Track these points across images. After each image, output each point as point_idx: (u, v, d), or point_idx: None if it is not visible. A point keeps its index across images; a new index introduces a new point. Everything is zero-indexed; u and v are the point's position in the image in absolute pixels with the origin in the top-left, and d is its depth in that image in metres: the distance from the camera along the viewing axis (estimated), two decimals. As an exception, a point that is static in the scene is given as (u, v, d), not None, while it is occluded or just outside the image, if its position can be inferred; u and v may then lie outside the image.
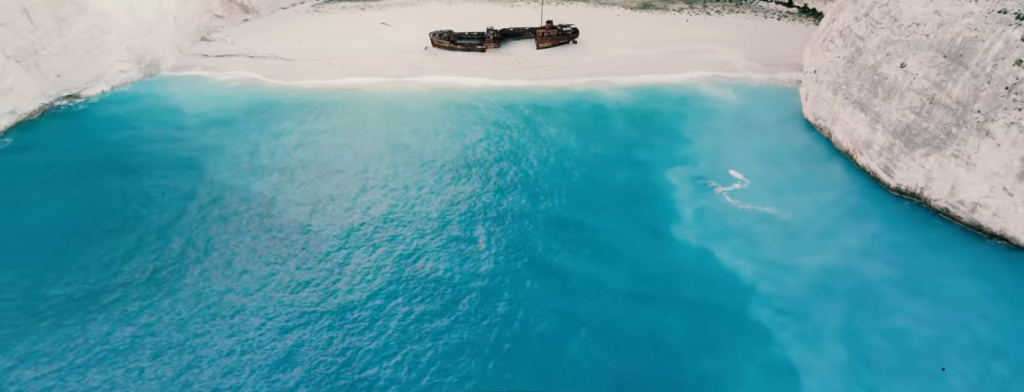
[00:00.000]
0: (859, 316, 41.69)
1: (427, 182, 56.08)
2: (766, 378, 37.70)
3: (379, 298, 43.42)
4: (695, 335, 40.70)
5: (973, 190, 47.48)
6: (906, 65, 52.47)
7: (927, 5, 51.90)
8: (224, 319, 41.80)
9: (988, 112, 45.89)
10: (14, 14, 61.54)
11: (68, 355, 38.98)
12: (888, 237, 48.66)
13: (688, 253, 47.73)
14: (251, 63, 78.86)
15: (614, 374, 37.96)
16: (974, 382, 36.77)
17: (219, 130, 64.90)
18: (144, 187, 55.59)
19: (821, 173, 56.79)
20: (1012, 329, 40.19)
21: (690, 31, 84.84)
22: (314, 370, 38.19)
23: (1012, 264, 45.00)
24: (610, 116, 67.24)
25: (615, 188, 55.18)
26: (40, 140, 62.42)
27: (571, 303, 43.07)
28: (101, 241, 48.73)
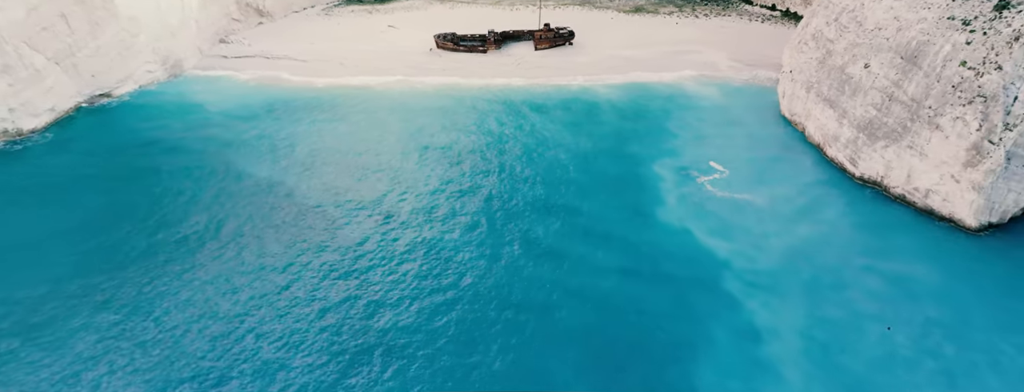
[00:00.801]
0: (818, 288, 47.13)
1: (434, 172, 61.48)
2: (734, 340, 43.12)
3: (394, 272, 48.80)
4: (673, 304, 46.14)
5: (926, 178, 52.96)
6: (869, 66, 57.93)
7: (888, 11, 57.35)
8: (263, 286, 47.23)
9: (938, 108, 51.38)
10: (54, 19, 66.92)
11: (140, 299, 44.43)
12: (850, 220, 54.14)
13: (670, 234, 53.17)
14: (267, 64, 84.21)
15: (600, 335, 43.41)
16: (914, 338, 42.24)
17: (242, 125, 70.31)
18: (176, 176, 60.94)
19: (794, 164, 62.24)
20: (952, 299, 45.62)
21: (679, 33, 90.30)
22: (345, 316, 43.59)
23: (958, 244, 50.46)
24: (603, 112, 72.70)
25: (606, 177, 60.63)
26: (78, 135, 67.85)
27: (564, 276, 48.52)
28: (143, 221, 54.09)
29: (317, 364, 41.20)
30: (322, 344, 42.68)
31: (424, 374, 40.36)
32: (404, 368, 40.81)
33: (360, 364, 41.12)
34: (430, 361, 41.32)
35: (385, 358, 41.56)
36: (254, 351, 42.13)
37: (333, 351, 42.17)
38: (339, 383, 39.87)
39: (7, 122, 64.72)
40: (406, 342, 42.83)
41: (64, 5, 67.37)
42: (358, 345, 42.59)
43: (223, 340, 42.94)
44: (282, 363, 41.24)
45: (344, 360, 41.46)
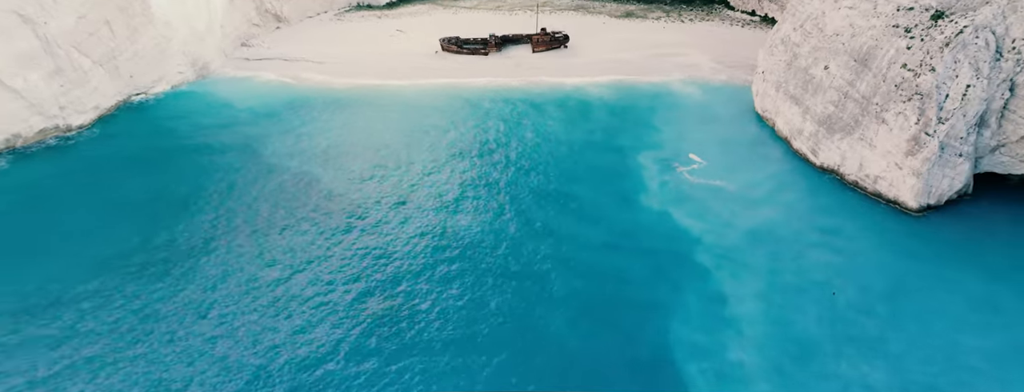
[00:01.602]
0: (777, 260, 54.56)
1: (442, 162, 68.86)
2: (702, 303, 50.52)
3: (411, 248, 56.17)
4: (652, 273, 53.55)
5: (875, 166, 60.46)
6: (829, 67, 65.45)
7: (844, 19, 64.85)
8: (297, 258, 54.60)
9: (883, 104, 58.91)
10: (99, 26, 74.24)
11: (202, 281, 51.76)
12: (809, 203, 61.70)
13: (651, 215, 60.61)
14: (286, 65, 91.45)
15: (586, 297, 50.80)
16: (855, 301, 49.71)
17: (266, 121, 77.63)
18: (211, 166, 68.25)
19: (764, 155, 69.74)
20: (890, 269, 53.09)
21: (665, 37, 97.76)
22: (372, 284, 50.94)
23: (900, 223, 57.94)
24: (594, 110, 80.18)
25: (595, 167, 68.09)
26: (120, 130, 75.15)
27: (557, 250, 55.94)
28: (186, 205, 61.42)
29: (348, 323, 48.51)
30: (352, 308, 49.99)
31: (441, 328, 47.68)
32: (425, 326, 48.13)
33: (386, 323, 48.43)
34: (445, 318, 48.66)
35: (409, 319, 48.86)
36: (291, 312, 49.42)
37: (361, 312, 49.49)
38: (371, 334, 47.18)
39: (58, 119, 71.98)
40: (424, 303, 50.17)
41: (108, 13, 74.71)
42: (384, 307, 49.89)
43: (269, 302, 50.24)
44: (318, 322, 48.53)
45: (373, 319, 48.76)
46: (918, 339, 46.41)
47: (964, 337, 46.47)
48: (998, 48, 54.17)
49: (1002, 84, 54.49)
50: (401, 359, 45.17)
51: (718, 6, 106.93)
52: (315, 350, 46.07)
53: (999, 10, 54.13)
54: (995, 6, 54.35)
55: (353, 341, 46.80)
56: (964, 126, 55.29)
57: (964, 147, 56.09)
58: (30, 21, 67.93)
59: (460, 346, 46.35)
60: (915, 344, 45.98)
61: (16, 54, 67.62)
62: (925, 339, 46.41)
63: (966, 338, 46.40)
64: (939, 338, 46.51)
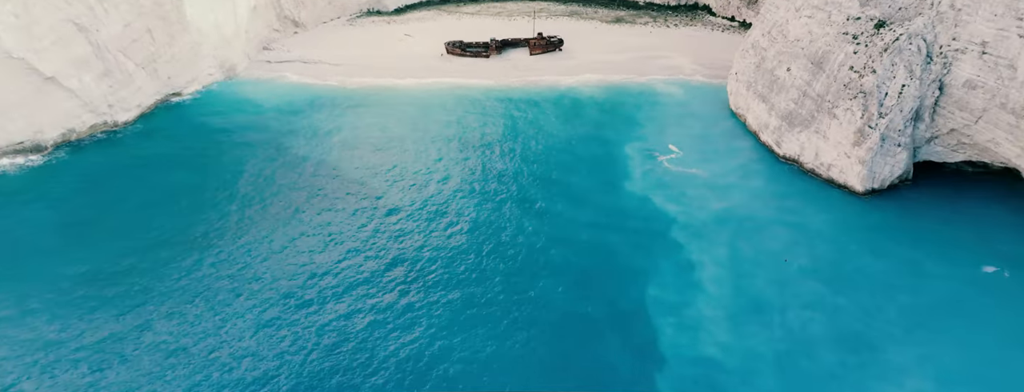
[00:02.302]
0: (740, 236, 63.34)
1: (449, 153, 77.66)
2: (674, 270, 59.23)
3: (425, 226, 64.95)
4: (633, 247, 62.31)
5: (828, 155, 69.38)
6: (790, 69, 74.38)
7: (804, 27, 73.78)
8: (326, 235, 63.35)
9: (834, 101, 67.85)
10: (142, 33, 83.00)
11: (245, 257, 60.45)
12: (771, 188, 70.55)
13: (634, 199, 69.41)
14: (304, 67, 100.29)
15: (577, 267, 59.53)
16: (802, 268, 58.55)
17: (290, 117, 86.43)
18: (244, 157, 76.94)
19: (735, 147, 78.63)
20: (836, 241, 61.86)
21: (652, 41, 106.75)
22: (394, 257, 59.69)
23: (848, 205, 66.76)
24: (585, 107, 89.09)
25: (586, 157, 76.97)
26: (160, 126, 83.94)
27: (551, 229, 64.71)
28: (226, 190, 70.13)
29: (376, 288, 57.24)
30: (379, 279, 58.71)
31: (454, 293, 56.38)
32: (442, 291, 56.83)
33: (410, 291, 57.10)
34: (458, 285, 57.31)
35: (427, 286, 57.56)
36: (324, 278, 58.13)
37: (387, 281, 58.20)
38: (399, 299, 55.91)
39: (107, 116, 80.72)
40: (439, 272, 58.92)
41: (150, 21, 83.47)
42: (405, 276, 58.61)
43: (305, 275, 58.99)
44: (348, 291, 57.25)
45: (398, 287, 57.46)
46: (853, 297, 55.25)
47: (893, 294, 55.30)
48: (929, 53, 63.10)
49: (932, 84, 63.40)
50: (421, 309, 53.93)
51: (701, 12, 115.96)
52: (349, 305, 54.78)
53: (929, 20, 63.08)
54: (926, 17, 63.31)
55: (379, 299, 55.48)
56: (901, 120, 64.22)
57: (902, 138, 65.03)
58: (85, 29, 76.69)
59: (470, 303, 55.11)
60: (850, 300, 54.81)
61: (72, 58, 76.39)
62: (859, 297, 55.23)
63: (894, 295, 55.21)
64: (871, 296, 55.35)
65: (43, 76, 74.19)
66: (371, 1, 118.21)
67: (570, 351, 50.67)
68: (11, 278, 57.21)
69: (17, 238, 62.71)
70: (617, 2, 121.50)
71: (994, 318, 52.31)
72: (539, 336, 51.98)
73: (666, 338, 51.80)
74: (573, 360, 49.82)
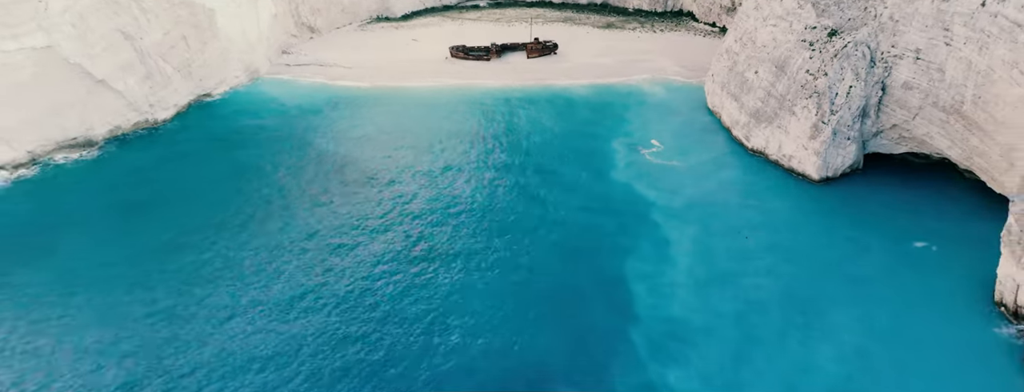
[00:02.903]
0: (710, 217, 72.76)
1: (455, 147, 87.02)
2: (652, 246, 68.53)
3: (435, 210, 74.34)
4: (616, 227, 71.67)
5: (788, 147, 78.85)
6: (758, 72, 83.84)
7: (769, 34, 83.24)
8: (350, 215, 72.72)
9: (794, 100, 77.36)
10: (178, 40, 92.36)
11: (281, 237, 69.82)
12: (740, 177, 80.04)
13: (618, 186, 78.81)
14: (321, 70, 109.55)
15: (568, 245, 68.84)
16: (760, 244, 68.01)
17: (310, 115, 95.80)
18: (272, 150, 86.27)
19: (710, 141, 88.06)
20: (793, 221, 71.36)
21: (639, 45, 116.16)
22: (410, 236, 69.08)
23: (805, 191, 76.14)
24: (577, 106, 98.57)
25: (576, 150, 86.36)
26: (194, 123, 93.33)
27: (545, 211, 74.14)
28: (259, 178, 79.51)
29: (398, 263, 66.60)
30: (400, 252, 68.08)
31: (462, 264, 65.78)
32: (453, 263, 66.24)
33: (426, 262, 66.50)
34: (466, 259, 66.73)
35: (440, 258, 66.98)
36: (349, 249, 67.52)
37: (407, 254, 67.57)
38: (417, 268, 65.30)
39: (148, 114, 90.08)
40: (450, 247, 68.34)
41: (185, 29, 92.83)
42: (422, 250, 68.02)
43: (337, 249, 68.38)
44: (375, 262, 66.61)
45: (416, 258, 66.87)
46: (803, 267, 64.71)
47: (837, 266, 64.73)
48: (872, 58, 72.58)
49: (875, 85, 72.88)
50: (435, 277, 63.37)
51: (685, 18, 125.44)
52: (376, 273, 64.19)
53: (873, 30, 72.58)
54: (870, 27, 72.81)
55: (401, 268, 64.87)
56: (850, 116, 73.71)
57: (851, 133, 74.53)
58: (131, 37, 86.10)
59: (476, 271, 64.52)
60: (800, 270, 64.27)
61: (120, 63, 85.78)
62: (808, 268, 64.68)
63: (838, 266, 64.66)
64: (818, 267, 64.81)
65: (95, 79, 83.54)
66: (380, 8, 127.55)
67: (560, 311, 60.11)
68: (77, 256, 66.54)
69: (80, 221, 72.06)
70: (608, 8, 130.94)
71: (919, 284, 61.77)
72: (533, 298, 61.45)
73: (641, 301, 61.26)
74: (562, 318, 59.26)
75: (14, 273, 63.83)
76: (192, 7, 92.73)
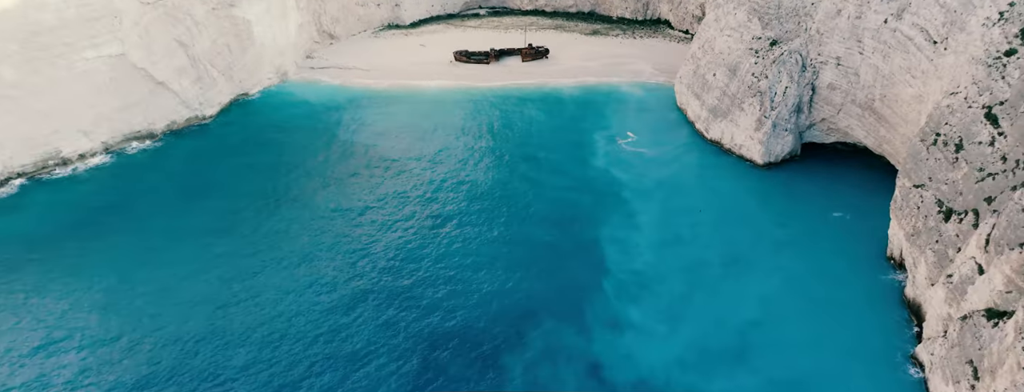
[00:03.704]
0: (673, 195, 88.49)
1: (460, 138, 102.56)
2: (622, 217, 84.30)
3: (446, 191, 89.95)
4: (594, 203, 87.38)
5: (739, 138, 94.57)
6: (715, 75, 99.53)
7: (725, 43, 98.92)
8: (372, 195, 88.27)
9: (742, 98, 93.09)
10: (223, 47, 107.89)
11: (318, 210, 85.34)
12: (698, 162, 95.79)
13: (597, 170, 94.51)
14: (341, 72, 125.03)
15: (554, 217, 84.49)
16: (713, 218, 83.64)
17: (334, 111, 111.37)
18: (303, 142, 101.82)
19: (676, 133, 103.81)
20: (739, 198, 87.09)
21: (620, 50, 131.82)
22: (425, 213, 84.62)
23: (751, 173, 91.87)
24: (565, 103, 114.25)
25: (563, 140, 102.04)
26: (235, 118, 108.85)
27: (536, 191, 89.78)
28: (295, 166, 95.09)
29: (415, 229, 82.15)
30: (416, 220, 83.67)
31: (468, 229, 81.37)
32: (460, 228, 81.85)
33: (438, 227, 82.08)
34: (471, 227, 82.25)
35: (450, 224, 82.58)
36: (371, 224, 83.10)
37: (422, 222, 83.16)
38: (431, 232, 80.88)
39: (197, 111, 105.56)
40: (458, 217, 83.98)
41: (228, 38, 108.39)
42: (434, 219, 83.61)
43: (366, 218, 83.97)
44: (395, 226, 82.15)
45: (430, 225, 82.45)
46: (742, 233, 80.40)
47: (769, 231, 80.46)
48: (803, 64, 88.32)
49: (806, 86, 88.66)
50: (446, 238, 78.95)
51: (662, 26, 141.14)
52: (398, 236, 79.75)
53: (804, 41, 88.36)
54: (802, 38, 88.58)
55: (417, 232, 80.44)
56: (786, 112, 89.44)
57: (788, 125, 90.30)
58: (185, 45, 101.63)
59: (479, 234, 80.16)
60: (740, 234, 79.94)
61: (176, 67, 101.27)
62: (746, 233, 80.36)
63: (770, 232, 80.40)
64: (754, 232, 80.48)
65: (156, 81, 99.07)
66: (391, 16, 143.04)
67: (546, 265, 75.73)
68: (149, 226, 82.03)
69: (149, 199, 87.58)
70: (594, 17, 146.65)
71: (832, 244, 77.47)
72: (526, 256, 77.08)
73: (611, 258, 76.97)
74: (549, 270, 74.88)
75: (109, 235, 79.48)
76: (234, 19, 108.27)
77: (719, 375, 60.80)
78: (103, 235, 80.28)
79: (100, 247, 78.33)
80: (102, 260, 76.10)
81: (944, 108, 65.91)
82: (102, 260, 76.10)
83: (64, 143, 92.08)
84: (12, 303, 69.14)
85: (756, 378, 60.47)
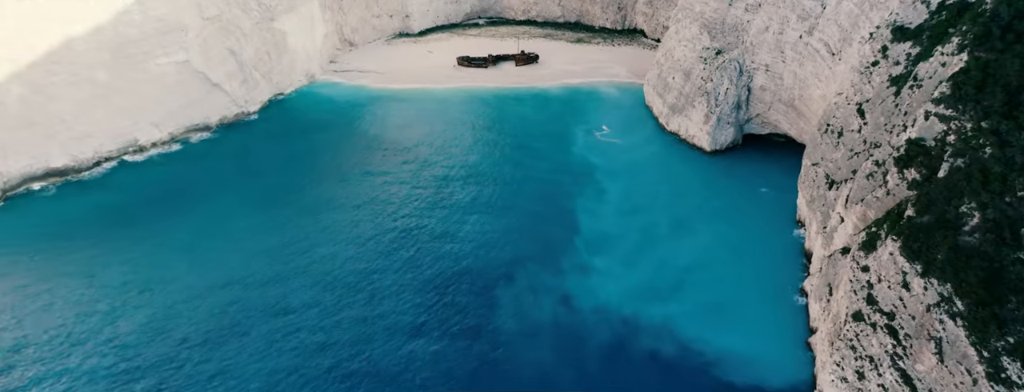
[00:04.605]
0: (635, 175, 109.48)
1: (463, 131, 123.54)
2: (594, 192, 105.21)
3: (445, 169, 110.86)
4: (572, 180, 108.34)
5: (692, 130, 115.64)
6: (674, 78, 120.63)
7: (681, 51, 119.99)
8: (391, 179, 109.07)
9: (694, 97, 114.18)
10: (263, 54, 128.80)
11: (347, 191, 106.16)
12: (659, 150, 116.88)
13: (576, 156, 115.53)
14: (361, 75, 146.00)
15: (539, 192, 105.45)
16: (666, 191, 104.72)
17: (356, 107, 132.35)
18: (332, 134, 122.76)
19: (643, 126, 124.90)
20: (689, 177, 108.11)
21: (600, 56, 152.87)
22: (435, 192, 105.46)
23: (701, 158, 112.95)
24: (551, 102, 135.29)
25: (549, 132, 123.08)
26: (274, 115, 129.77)
27: (525, 171, 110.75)
28: (326, 154, 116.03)
29: (425, 201, 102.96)
30: (426, 193, 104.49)
31: (468, 203, 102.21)
32: (462, 202, 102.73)
33: (444, 199, 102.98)
34: (472, 198, 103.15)
35: (457, 197, 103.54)
36: (389, 202, 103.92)
37: (432, 196, 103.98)
38: (436, 205, 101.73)
39: (243, 108, 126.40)
40: (462, 192, 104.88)
41: (268, 47, 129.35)
42: (442, 193, 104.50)
43: (386, 190, 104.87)
44: (409, 198, 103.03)
45: (438, 199, 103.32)
46: (688, 204, 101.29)
47: (709, 202, 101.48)
48: (740, 69, 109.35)
49: (743, 87, 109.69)
50: (450, 207, 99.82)
51: (638, 35, 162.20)
52: (413, 206, 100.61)
53: (741, 51, 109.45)
54: (739, 49, 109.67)
55: (427, 206, 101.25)
56: (728, 109, 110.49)
57: (730, 119, 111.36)
58: (235, 53, 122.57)
59: (478, 205, 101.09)
60: (686, 206, 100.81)
61: (227, 71, 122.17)
62: (691, 204, 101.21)
63: (709, 202, 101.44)
64: (697, 203, 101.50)
65: (211, 83, 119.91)
66: (402, 26, 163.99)
67: (532, 228, 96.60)
68: (214, 198, 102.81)
69: (211, 178, 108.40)
70: (579, 27, 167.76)
71: (756, 212, 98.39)
72: (516, 220, 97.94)
73: (584, 223, 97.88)
74: (533, 230, 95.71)
75: (183, 205, 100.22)
76: (273, 31, 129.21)
77: (659, 302, 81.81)
78: (178, 205, 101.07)
79: (176, 214, 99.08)
80: (179, 223, 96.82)
81: (833, 105, 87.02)
82: (179, 223, 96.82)
83: (141, 133, 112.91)
84: (121, 249, 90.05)
85: (686, 304, 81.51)
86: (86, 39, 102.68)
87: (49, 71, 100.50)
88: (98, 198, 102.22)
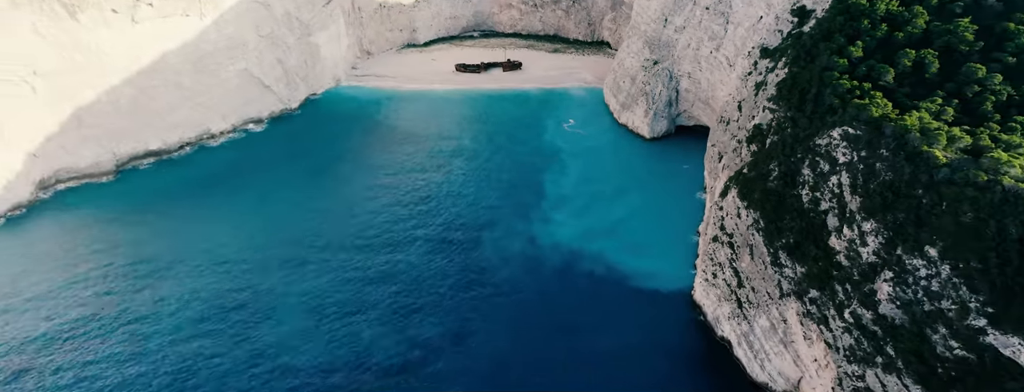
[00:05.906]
0: (591, 157, 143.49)
1: (460, 123, 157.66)
2: (558, 169, 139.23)
3: (445, 152, 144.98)
4: (543, 161, 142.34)
5: (636, 122, 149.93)
6: (623, 83, 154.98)
7: (630, 61, 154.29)
8: (406, 163, 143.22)
9: (637, 97, 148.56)
10: (301, 62, 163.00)
11: (364, 178, 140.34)
12: (612, 138, 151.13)
13: (547, 143, 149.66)
14: (378, 79, 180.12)
15: (516, 167, 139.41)
16: (614, 168, 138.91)
17: (375, 105, 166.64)
18: (358, 126, 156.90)
19: (601, 120, 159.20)
20: (633, 159, 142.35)
21: (573, 63, 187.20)
22: (441, 180, 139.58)
23: (642, 144, 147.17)
24: (531, 101, 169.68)
25: (528, 124, 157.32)
26: (310, 111, 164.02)
27: (505, 153, 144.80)
28: (356, 140, 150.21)
29: (430, 176, 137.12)
30: (431, 170, 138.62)
31: (460, 175, 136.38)
32: (457, 174, 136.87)
33: (446, 176, 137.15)
34: (465, 172, 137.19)
35: (453, 172, 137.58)
36: (400, 185, 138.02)
37: (436, 173, 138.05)
38: (442, 181, 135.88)
39: (287, 105, 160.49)
40: (459, 170, 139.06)
41: (306, 56, 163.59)
42: (443, 172, 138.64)
43: (400, 167, 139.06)
44: (418, 170, 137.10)
45: (441, 175, 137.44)
46: (628, 177, 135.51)
47: (643, 176, 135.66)
48: (671, 75, 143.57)
49: (672, 90, 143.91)
50: (449, 181, 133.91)
51: (604, 46, 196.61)
52: (423, 183, 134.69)
53: (671, 62, 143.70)
54: (670, 59, 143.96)
55: (432, 182, 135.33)
56: (662, 106, 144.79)
57: (664, 114, 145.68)
58: (281, 61, 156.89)
59: (471, 180, 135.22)
60: (626, 178, 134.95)
61: (276, 76, 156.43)
62: (630, 177, 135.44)
63: (642, 177, 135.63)
64: (634, 176, 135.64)
65: (263, 85, 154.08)
66: (410, 38, 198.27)
67: (512, 194, 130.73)
68: (272, 172, 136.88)
69: (268, 158, 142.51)
70: (556, 39, 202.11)
71: (676, 183, 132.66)
72: (499, 188, 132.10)
73: (549, 189, 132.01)
74: (509, 195, 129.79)
75: (248, 177, 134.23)
76: (310, 44, 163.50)
77: (597, 241, 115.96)
78: (244, 178, 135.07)
79: (244, 184, 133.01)
80: (248, 190, 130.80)
81: (725, 103, 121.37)
82: (248, 190, 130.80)
83: (213, 124, 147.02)
84: (209, 205, 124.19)
85: (616, 242, 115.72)
86: (176, 53, 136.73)
87: (150, 77, 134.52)
88: (185, 172, 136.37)
